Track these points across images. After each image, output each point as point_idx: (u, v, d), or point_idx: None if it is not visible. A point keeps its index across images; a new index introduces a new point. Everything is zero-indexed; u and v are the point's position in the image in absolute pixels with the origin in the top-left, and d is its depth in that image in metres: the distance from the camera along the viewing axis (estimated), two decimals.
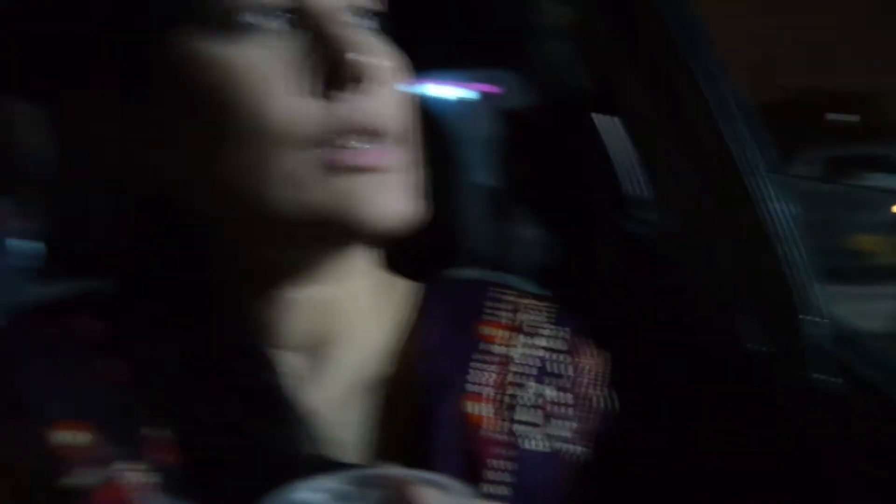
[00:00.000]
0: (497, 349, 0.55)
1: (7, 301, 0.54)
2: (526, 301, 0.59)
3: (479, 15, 1.52)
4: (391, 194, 0.46)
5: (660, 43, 0.69)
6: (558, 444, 0.52)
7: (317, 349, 0.51)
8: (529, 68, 1.82)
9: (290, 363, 0.50)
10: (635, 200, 0.95)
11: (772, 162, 0.63)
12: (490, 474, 0.50)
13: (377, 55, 0.45)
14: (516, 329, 0.56)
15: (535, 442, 0.52)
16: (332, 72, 0.44)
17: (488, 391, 0.53)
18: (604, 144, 1.01)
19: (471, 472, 0.49)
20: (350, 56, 0.44)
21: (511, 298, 0.59)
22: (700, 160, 0.67)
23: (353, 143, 0.44)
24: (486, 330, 0.56)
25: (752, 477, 0.62)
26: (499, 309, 0.57)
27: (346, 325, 0.52)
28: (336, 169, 0.44)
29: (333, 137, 0.44)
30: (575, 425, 0.54)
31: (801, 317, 0.58)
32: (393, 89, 0.47)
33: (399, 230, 0.46)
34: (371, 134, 0.45)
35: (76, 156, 0.54)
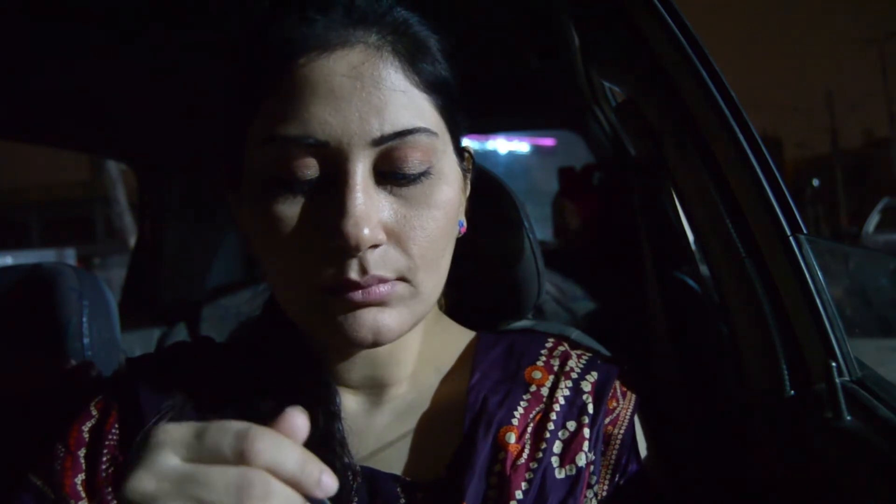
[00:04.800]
0: (539, 390, 0.62)
1: None
2: (569, 349, 0.67)
3: (544, 85, 1.62)
4: (377, 322, 0.53)
5: (704, 117, 0.77)
6: (581, 473, 0.59)
7: (375, 388, 0.63)
8: (587, 134, 1.91)
9: (351, 398, 0.62)
10: (682, 256, 1.01)
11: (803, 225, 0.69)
12: (518, 494, 0.57)
13: (378, 221, 0.51)
14: (558, 373, 0.64)
15: (560, 470, 0.59)
16: (335, 236, 0.50)
17: (526, 425, 0.60)
18: (655, 204, 1.08)
19: (503, 492, 0.57)
20: (346, 226, 0.49)
21: (557, 346, 0.67)
22: (740, 222, 0.73)
23: (352, 286, 0.51)
24: (531, 373, 0.64)
25: None
26: (544, 356, 0.66)
27: (403, 369, 0.63)
28: (335, 301, 0.52)
29: (332, 282, 0.52)
30: (598, 458, 0.60)
31: (831, 363, 0.63)
32: (405, 242, 0.53)
33: (388, 342, 0.54)
34: (365, 285, 0.52)
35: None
